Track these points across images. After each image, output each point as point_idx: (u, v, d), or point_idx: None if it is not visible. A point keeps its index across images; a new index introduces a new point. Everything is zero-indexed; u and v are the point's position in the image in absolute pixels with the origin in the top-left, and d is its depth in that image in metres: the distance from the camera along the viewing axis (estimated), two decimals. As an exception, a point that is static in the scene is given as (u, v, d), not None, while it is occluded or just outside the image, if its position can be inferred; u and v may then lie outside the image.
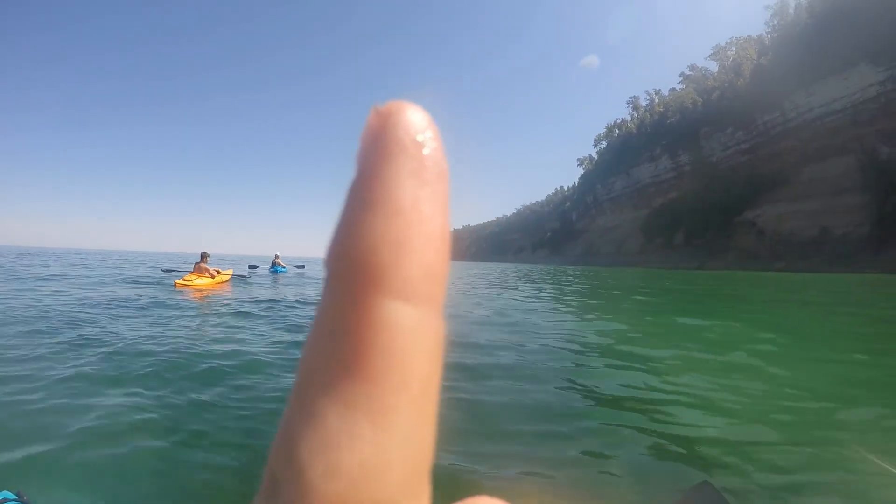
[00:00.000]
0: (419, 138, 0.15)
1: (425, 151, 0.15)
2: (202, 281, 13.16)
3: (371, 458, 0.13)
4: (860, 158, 52.89)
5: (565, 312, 9.33)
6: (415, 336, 0.14)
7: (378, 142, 0.15)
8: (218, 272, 14.35)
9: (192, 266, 14.29)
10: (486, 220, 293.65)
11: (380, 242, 0.14)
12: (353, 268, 0.14)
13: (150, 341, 5.27)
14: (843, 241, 52.14)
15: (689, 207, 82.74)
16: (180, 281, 12.78)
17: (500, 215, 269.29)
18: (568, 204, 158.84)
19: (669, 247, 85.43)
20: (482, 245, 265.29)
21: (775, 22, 68.89)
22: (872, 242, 48.36)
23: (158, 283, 13.44)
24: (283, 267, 23.75)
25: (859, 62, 52.95)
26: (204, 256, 14.24)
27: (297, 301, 10.17)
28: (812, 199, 58.44)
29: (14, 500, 1.37)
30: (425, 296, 0.14)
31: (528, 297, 12.45)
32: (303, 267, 28.33)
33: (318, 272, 23.49)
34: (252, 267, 23.45)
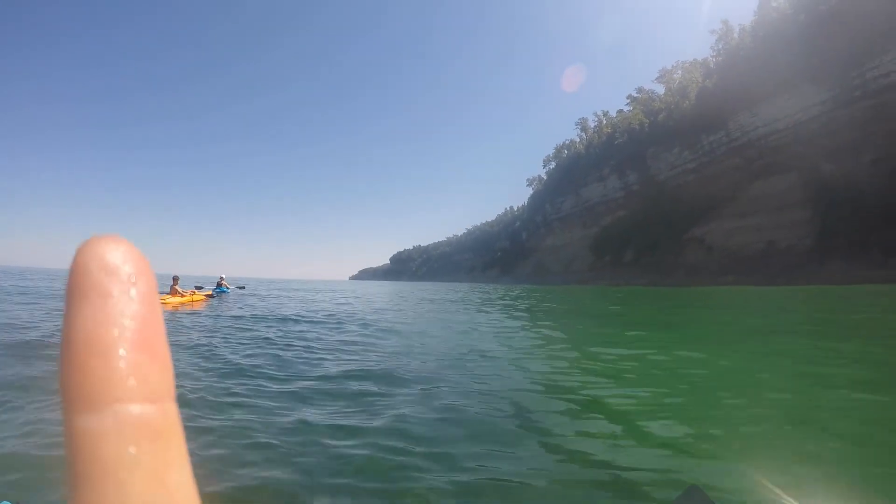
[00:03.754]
0: (99, 276, 0.17)
1: (107, 288, 0.17)
2: (175, 300, 14.81)
3: None
4: (803, 175, 55.28)
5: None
6: (103, 439, 0.16)
7: (69, 279, 0.17)
8: (193, 293, 16.27)
9: (168, 289, 15.87)
10: (436, 241, 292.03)
11: (65, 368, 0.17)
12: (61, 391, 0.17)
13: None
14: (788, 254, 53.77)
15: (639, 226, 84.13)
16: None
17: (451, 235, 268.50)
18: (518, 223, 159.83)
19: (619, 264, 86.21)
20: (433, 265, 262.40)
21: (720, 46, 72.40)
22: (815, 255, 49.99)
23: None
24: (227, 288, 25.55)
25: (801, 83, 55.88)
26: (175, 279, 15.76)
27: (237, 315, 12.50)
28: (758, 214, 60.42)
29: None
30: (105, 401, 0.17)
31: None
32: (243, 288, 30.44)
33: (258, 291, 30.54)
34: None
